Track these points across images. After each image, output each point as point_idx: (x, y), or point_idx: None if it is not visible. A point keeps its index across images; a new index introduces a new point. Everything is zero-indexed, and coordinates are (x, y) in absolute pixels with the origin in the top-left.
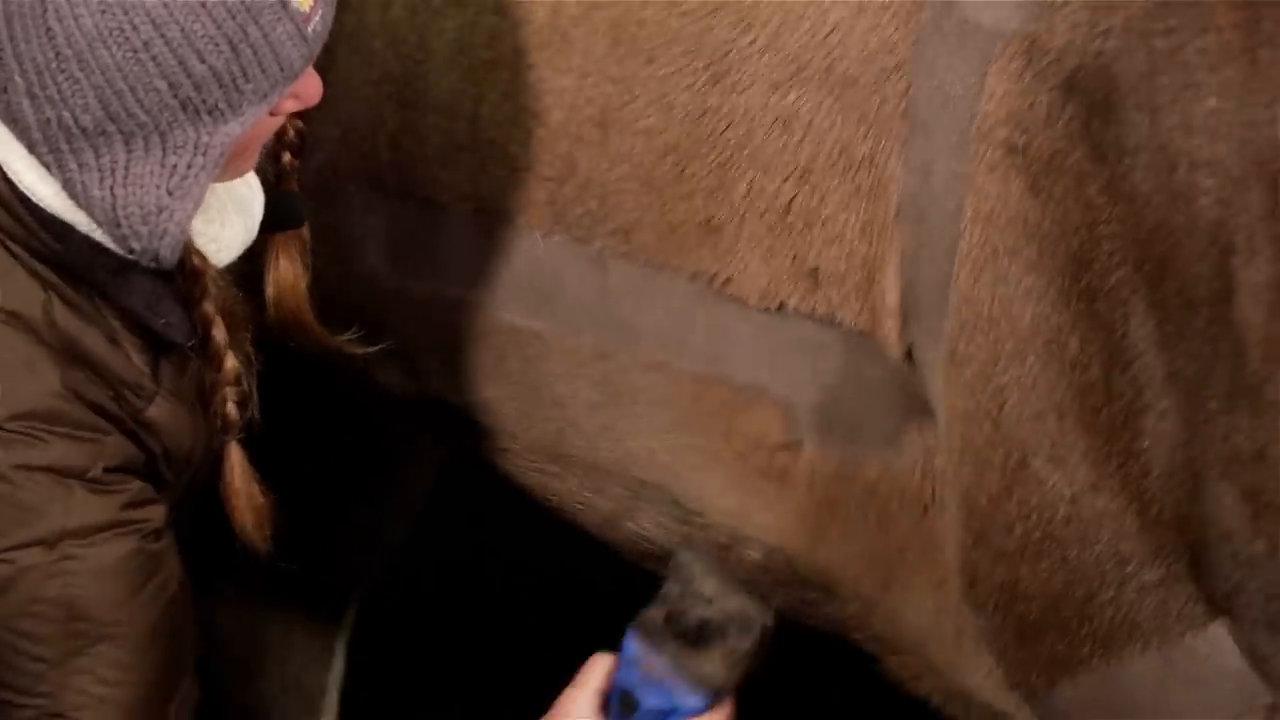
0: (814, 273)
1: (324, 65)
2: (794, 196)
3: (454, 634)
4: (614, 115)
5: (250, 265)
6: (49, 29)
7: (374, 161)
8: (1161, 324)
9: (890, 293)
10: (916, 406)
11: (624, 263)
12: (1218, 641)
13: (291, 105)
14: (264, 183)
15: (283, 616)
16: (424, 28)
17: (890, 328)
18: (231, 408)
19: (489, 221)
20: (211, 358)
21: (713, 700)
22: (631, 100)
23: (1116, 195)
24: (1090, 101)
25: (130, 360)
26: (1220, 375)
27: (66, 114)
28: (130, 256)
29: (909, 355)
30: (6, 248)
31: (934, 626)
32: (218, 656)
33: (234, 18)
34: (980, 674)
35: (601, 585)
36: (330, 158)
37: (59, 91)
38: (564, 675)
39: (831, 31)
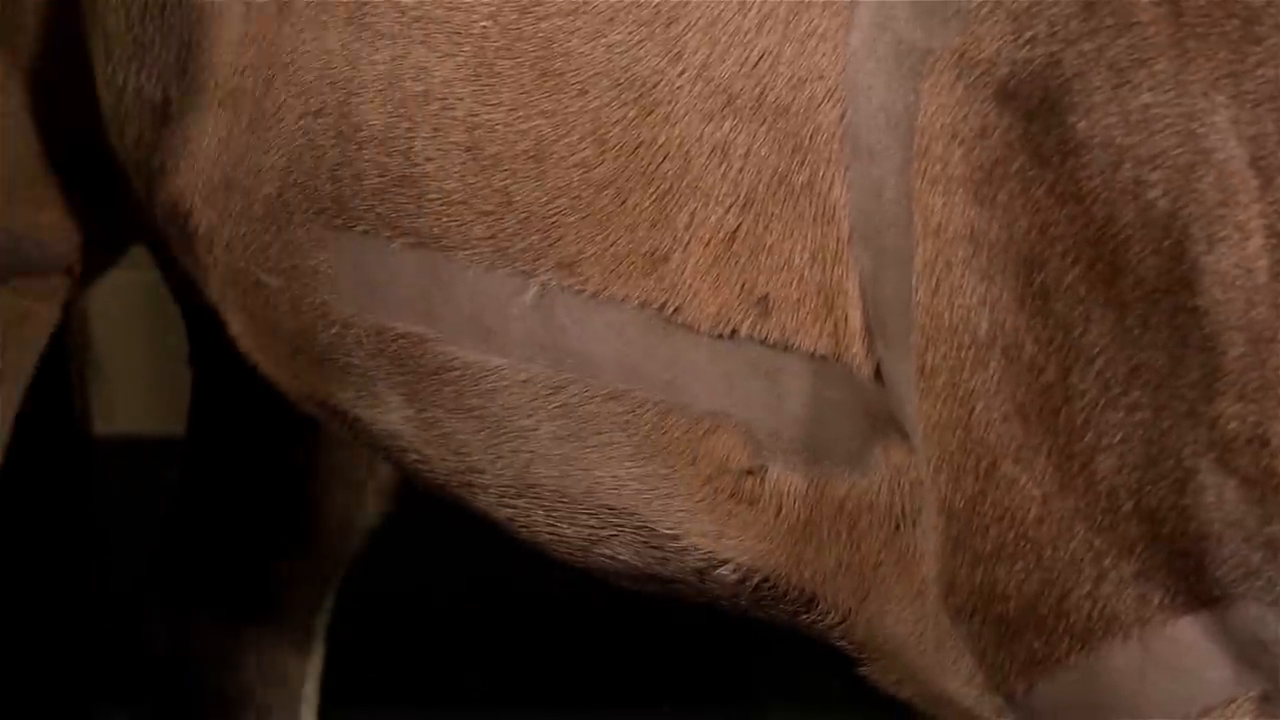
0: (764, 300)
1: (261, 94)
2: (738, 225)
3: (435, 617)
4: (548, 149)
5: None
6: None
7: (316, 194)
8: (1121, 319)
9: (853, 315)
10: (881, 426)
11: (570, 295)
12: (1203, 629)
13: None
14: None
15: (261, 604)
16: (356, 59)
17: (857, 350)
18: None
19: (430, 256)
20: None
21: None
22: (566, 134)
23: (1064, 197)
24: (1026, 109)
25: None
26: (1191, 365)
27: None
28: None
29: (878, 374)
30: None
31: (914, 635)
32: (196, 646)
33: None
34: (960, 680)
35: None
36: (277, 188)
37: None
38: (545, 658)
39: (760, 60)
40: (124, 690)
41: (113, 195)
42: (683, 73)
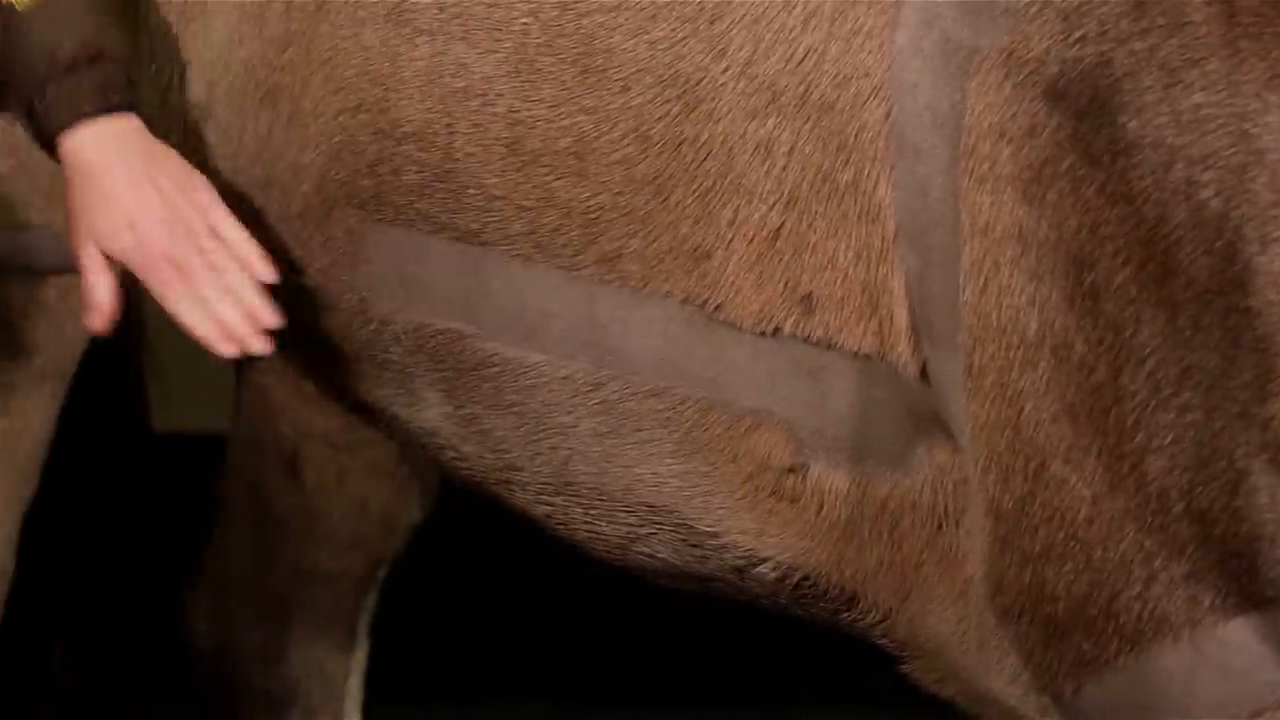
0: (808, 298)
1: (300, 91)
2: (781, 223)
3: (478, 613)
4: (590, 145)
5: None
6: None
7: (354, 190)
8: (1172, 320)
9: (899, 313)
10: (925, 426)
11: (610, 291)
12: (1255, 631)
13: None
14: None
15: (304, 600)
16: (395, 55)
17: (902, 349)
18: None
19: (469, 251)
20: None
21: None
22: (608, 130)
23: (1115, 196)
24: (1076, 108)
25: None
26: (1244, 366)
27: None
28: None
29: (923, 373)
30: None
31: (956, 634)
32: (240, 643)
33: None
34: (1004, 679)
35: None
36: (316, 184)
37: None
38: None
39: (805, 57)
40: (176, 685)
41: None
42: (726, 69)
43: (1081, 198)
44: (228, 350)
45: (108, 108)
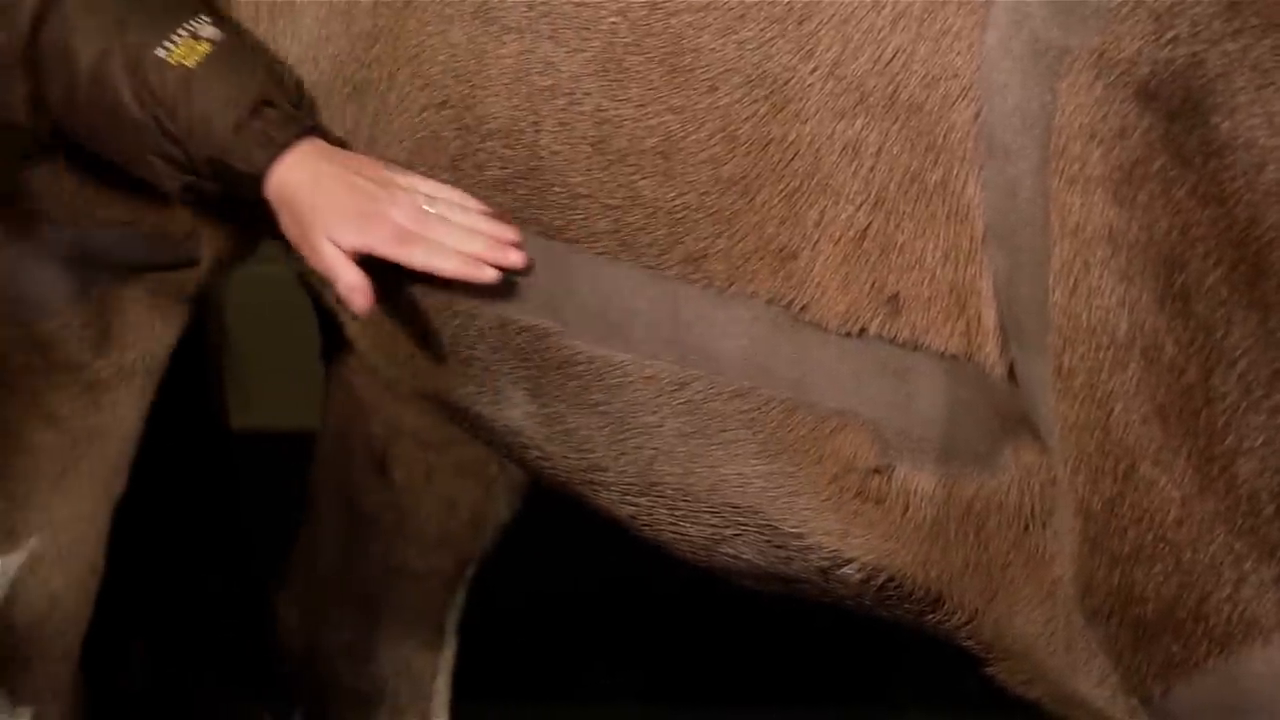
0: (894, 298)
1: (386, 87)
2: (868, 224)
3: (567, 612)
4: (677, 145)
5: None
6: None
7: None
8: (1264, 321)
9: (987, 314)
10: (1012, 427)
11: (695, 290)
12: None
13: None
14: None
15: (393, 599)
16: (482, 53)
17: (990, 349)
18: None
19: (554, 248)
20: None
21: None
22: (695, 130)
23: (1206, 198)
24: (1168, 109)
25: None
26: None
27: None
28: None
29: (1011, 374)
30: None
31: (1043, 635)
32: (329, 641)
33: None
34: (1092, 681)
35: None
36: None
37: None
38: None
39: (894, 57)
40: (261, 683)
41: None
42: (814, 70)
43: (1173, 199)
44: (487, 275)
45: (299, 133)
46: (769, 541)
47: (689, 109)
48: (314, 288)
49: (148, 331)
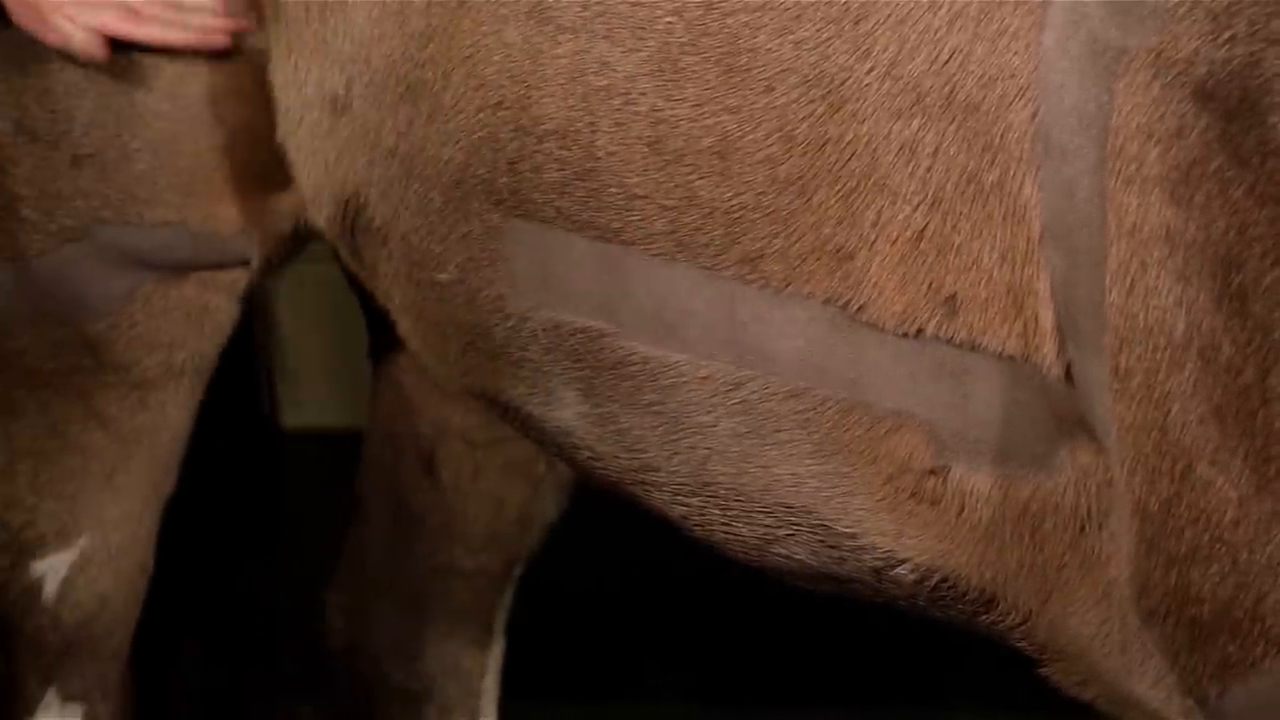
0: (951, 299)
1: (441, 87)
2: (925, 224)
3: (614, 611)
4: (733, 145)
5: None
6: None
7: (494, 187)
8: None
9: (1044, 315)
10: (1069, 428)
11: (752, 291)
12: None
13: None
14: None
15: (441, 598)
16: (537, 53)
17: (1048, 350)
18: None
19: (610, 250)
20: None
21: None
22: (751, 130)
23: (1264, 198)
24: (1225, 108)
25: None
26: None
27: None
28: None
29: (1068, 375)
30: None
31: (1098, 637)
32: (376, 639)
33: None
34: (1148, 682)
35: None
36: (456, 180)
37: None
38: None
39: (950, 57)
40: (309, 682)
41: (284, 192)
42: (871, 70)
43: (1230, 199)
44: (219, 42)
45: None
46: (822, 542)
47: (745, 109)
48: (363, 287)
49: (197, 331)
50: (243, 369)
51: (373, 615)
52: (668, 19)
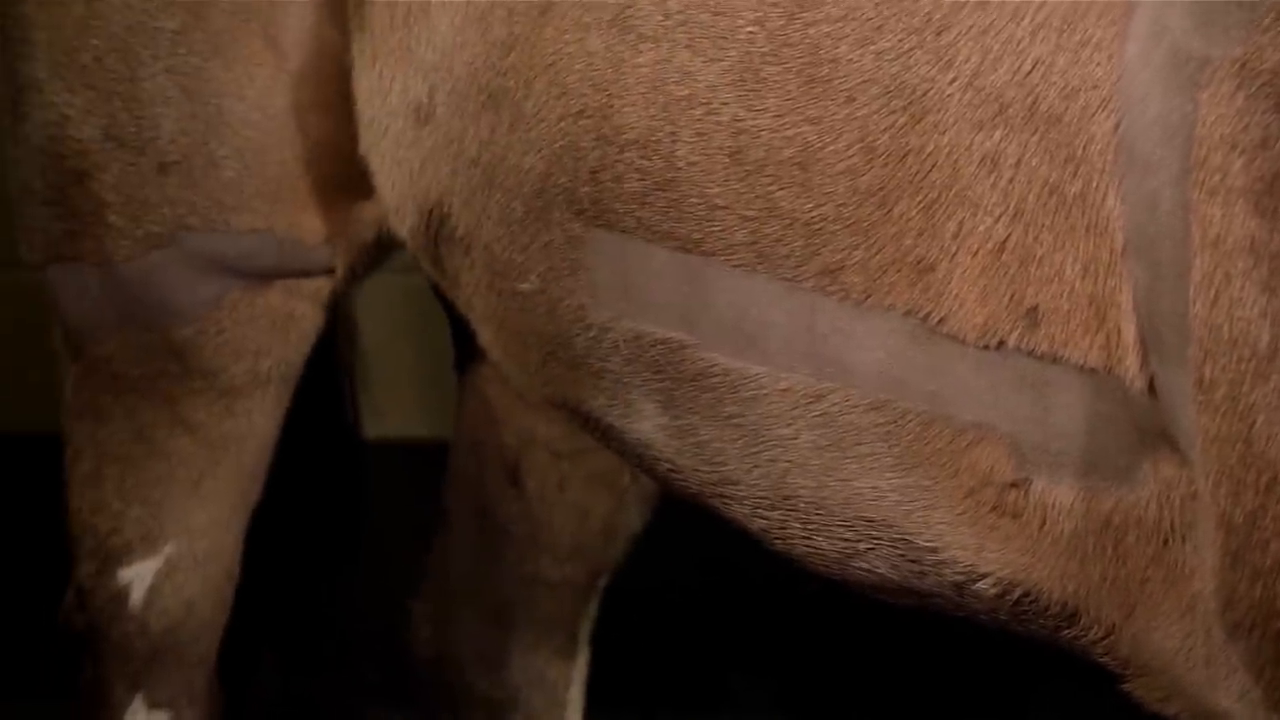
0: (1033, 311)
1: (523, 95)
2: (1007, 236)
3: (699, 622)
4: (814, 155)
5: None
6: None
7: (576, 196)
8: None
9: (1126, 327)
10: (1151, 440)
11: (832, 302)
12: None
13: None
14: None
15: (527, 608)
16: (619, 61)
17: (1131, 363)
18: None
19: (690, 260)
20: None
21: None
22: (832, 141)
23: None
24: None
25: None
26: None
27: None
28: None
29: (1151, 388)
30: None
31: (1183, 650)
32: (462, 649)
33: None
34: (1232, 696)
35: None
36: (538, 189)
37: None
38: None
39: (1033, 69)
40: (393, 691)
41: (367, 201)
42: (953, 81)
43: None
44: None
45: None
46: (903, 556)
47: (826, 119)
48: (447, 297)
49: (283, 338)
50: (325, 379)
51: (458, 625)
52: (749, 29)
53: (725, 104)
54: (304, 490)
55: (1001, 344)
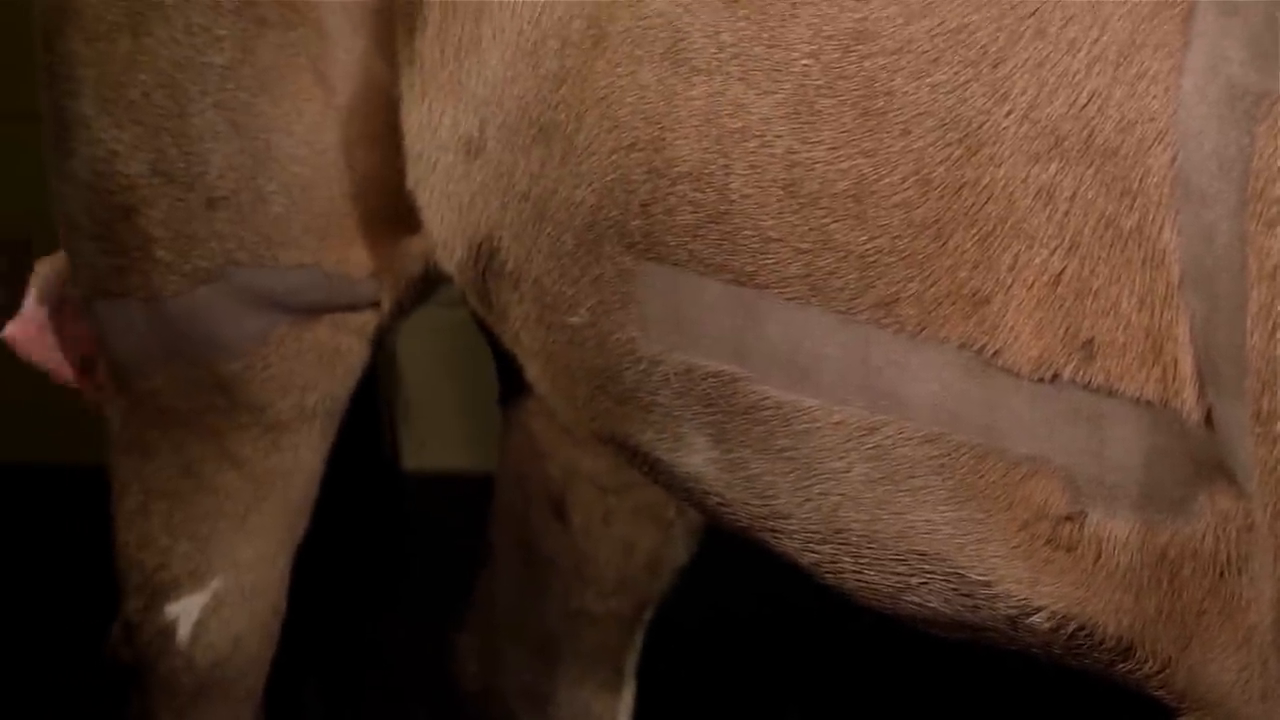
0: (1089, 344)
1: (574, 128)
2: (1063, 269)
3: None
4: (869, 188)
5: None
6: None
7: (627, 229)
8: None
9: (1184, 360)
10: (1208, 473)
11: (886, 334)
12: None
13: None
14: None
15: (572, 641)
16: (672, 94)
17: (1188, 395)
18: None
19: (743, 293)
20: None
21: None
22: (887, 173)
23: None
24: None
25: None
26: None
27: None
28: None
29: (1208, 420)
30: None
31: (1239, 684)
32: (507, 683)
33: None
34: None
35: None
36: (588, 222)
37: None
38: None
39: (1089, 102)
40: None
41: (413, 236)
42: (1009, 113)
43: None
44: None
45: None
46: (956, 590)
47: (881, 152)
48: (494, 331)
49: (329, 373)
50: (365, 411)
51: (504, 658)
52: (804, 62)
53: (779, 136)
54: (344, 522)
55: (1056, 377)
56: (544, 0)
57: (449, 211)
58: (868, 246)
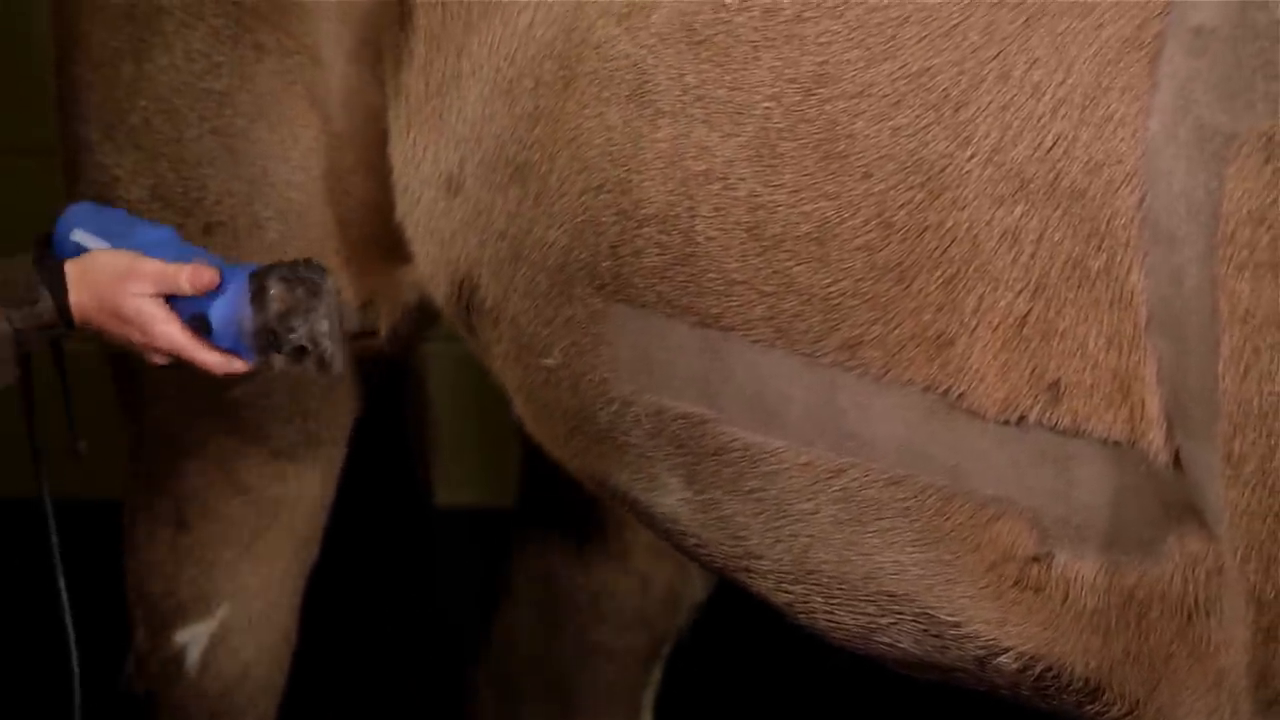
0: (1055, 385)
1: (547, 169)
2: (1028, 310)
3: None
4: (832, 231)
5: None
6: None
7: (597, 270)
8: None
9: (1150, 401)
10: (1176, 514)
11: (851, 377)
12: None
13: None
14: None
15: (589, 676)
16: (638, 136)
17: (1155, 436)
18: None
19: (710, 335)
20: None
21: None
22: (850, 216)
23: None
24: None
25: None
26: None
27: None
28: None
29: (1176, 462)
30: None
31: None
32: (525, 716)
33: None
34: None
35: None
36: (560, 263)
37: None
38: None
39: (1054, 144)
40: None
41: (408, 265)
42: (972, 157)
43: None
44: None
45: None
46: (925, 630)
47: (843, 195)
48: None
49: (330, 400)
50: (397, 447)
51: (523, 693)
52: (766, 104)
53: (742, 179)
54: (373, 556)
55: (1023, 419)
56: (520, 38)
57: (432, 246)
58: (831, 289)
